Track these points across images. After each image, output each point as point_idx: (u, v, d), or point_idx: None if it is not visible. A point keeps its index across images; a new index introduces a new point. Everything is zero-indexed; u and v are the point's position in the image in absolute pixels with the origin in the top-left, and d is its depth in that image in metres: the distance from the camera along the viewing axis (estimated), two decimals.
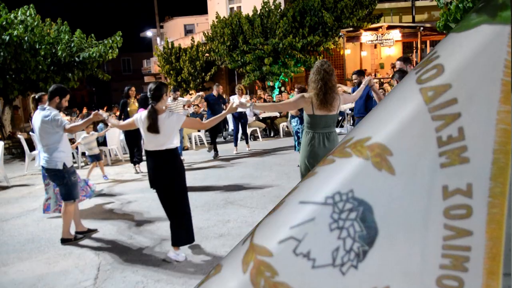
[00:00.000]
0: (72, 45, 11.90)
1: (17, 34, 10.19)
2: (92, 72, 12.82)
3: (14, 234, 4.79)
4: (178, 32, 26.46)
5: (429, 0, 16.43)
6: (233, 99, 9.44)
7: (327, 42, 15.80)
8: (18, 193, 6.91)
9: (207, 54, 18.83)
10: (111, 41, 12.18)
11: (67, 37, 11.90)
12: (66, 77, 12.09)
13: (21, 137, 9.43)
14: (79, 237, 4.43)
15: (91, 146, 7.32)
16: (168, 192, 3.69)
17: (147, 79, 28.69)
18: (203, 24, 24.12)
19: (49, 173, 4.32)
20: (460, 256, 0.84)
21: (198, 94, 8.91)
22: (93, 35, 12.79)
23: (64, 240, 4.34)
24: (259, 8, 16.52)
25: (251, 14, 16.57)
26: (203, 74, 19.27)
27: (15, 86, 11.39)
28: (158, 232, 4.48)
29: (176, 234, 3.72)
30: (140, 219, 5.02)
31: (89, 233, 4.56)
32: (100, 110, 4.54)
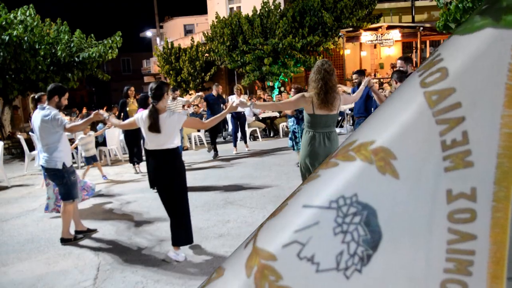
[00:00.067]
0: (72, 45, 11.90)
1: (17, 34, 10.18)
2: (92, 72, 12.81)
3: (14, 234, 4.79)
4: (178, 32, 26.47)
5: (429, 0, 16.44)
6: (232, 99, 9.44)
7: (327, 42, 15.81)
8: (18, 193, 6.90)
9: (207, 54, 18.84)
10: (111, 41, 12.18)
11: (67, 37, 11.90)
12: (66, 77, 12.08)
13: (21, 137, 9.43)
14: (79, 237, 4.42)
15: (88, 148, 7.21)
16: (168, 192, 3.69)
17: (147, 79, 28.71)
18: (203, 24, 24.13)
19: (49, 173, 4.32)
20: (464, 260, 0.84)
21: (198, 94, 8.90)
22: (93, 35, 12.79)
23: (64, 240, 4.34)
24: (259, 8, 16.52)
25: (251, 14, 16.57)
26: (203, 74, 19.28)
27: (15, 86, 11.39)
28: (158, 232, 4.47)
29: (176, 234, 3.71)
30: (140, 219, 5.02)
31: (89, 233, 4.56)
32: (101, 110, 4.53)
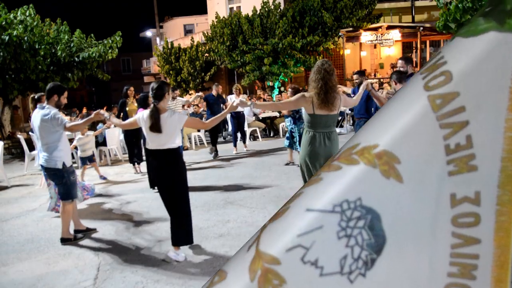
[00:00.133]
0: (72, 45, 11.90)
1: (17, 34, 10.18)
2: (92, 72, 12.81)
3: (14, 234, 4.78)
4: (178, 32, 26.47)
5: (429, 0, 16.44)
6: (231, 99, 9.45)
7: (327, 42, 15.81)
8: (18, 193, 6.90)
9: (207, 54, 18.84)
10: (111, 41, 12.17)
11: (67, 37, 11.89)
12: (66, 77, 12.08)
13: (21, 137, 9.42)
14: (79, 237, 4.42)
15: (85, 148, 7.15)
16: (169, 192, 3.69)
17: (147, 79, 28.72)
18: (203, 24, 24.13)
19: (49, 172, 4.31)
20: (468, 264, 0.84)
21: (197, 95, 8.90)
22: (93, 35, 12.78)
23: (64, 240, 4.33)
24: (259, 8, 16.52)
25: (251, 14, 16.57)
26: (203, 74, 19.28)
27: (15, 86, 11.38)
28: (158, 232, 4.47)
29: (176, 234, 3.71)
30: (140, 219, 5.02)
31: (88, 232, 4.55)
32: (101, 110, 4.52)
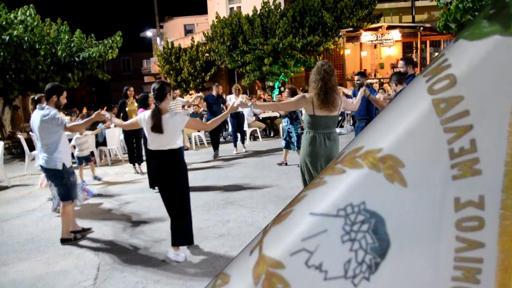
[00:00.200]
0: (72, 45, 11.90)
1: (17, 34, 10.18)
2: (92, 72, 12.81)
3: (14, 234, 4.79)
4: (178, 32, 26.47)
5: (429, 0, 16.44)
6: (230, 99, 9.45)
7: (327, 42, 15.81)
8: (18, 193, 6.91)
9: (207, 54, 18.84)
10: (111, 41, 12.18)
11: (67, 37, 11.90)
12: (66, 77, 12.08)
13: (21, 137, 9.42)
14: (79, 237, 4.42)
15: (83, 148, 7.12)
16: (170, 192, 3.69)
17: (147, 79, 28.71)
18: (203, 24, 24.13)
19: (48, 173, 4.30)
20: (472, 268, 0.84)
21: (198, 95, 8.91)
22: (93, 35, 12.79)
23: (64, 240, 4.33)
24: (259, 8, 16.53)
25: (251, 14, 16.57)
26: (203, 74, 19.28)
27: (15, 86, 11.39)
28: (158, 233, 4.47)
29: (176, 234, 3.71)
30: (140, 220, 5.02)
31: (84, 232, 4.52)
32: (102, 110, 4.52)
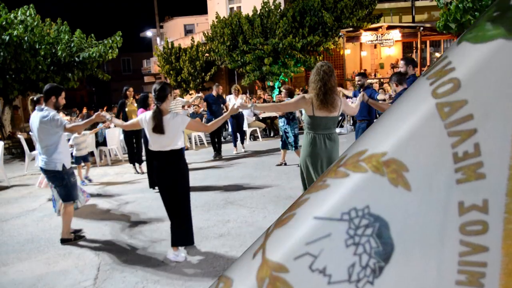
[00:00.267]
0: (72, 45, 11.91)
1: (17, 34, 10.19)
2: (92, 72, 12.82)
3: (14, 234, 4.79)
4: (178, 32, 26.47)
5: (429, 0, 16.44)
6: (230, 99, 9.46)
7: (327, 42, 15.81)
8: (18, 193, 6.91)
9: (207, 54, 18.84)
10: (111, 41, 12.18)
11: (67, 37, 11.91)
12: (66, 77, 12.09)
13: (21, 137, 9.43)
14: (78, 235, 4.42)
15: (81, 147, 7.12)
16: (171, 193, 3.69)
17: (147, 79, 28.72)
18: (203, 24, 24.13)
19: (48, 175, 4.29)
20: (476, 272, 0.84)
21: (198, 95, 8.90)
22: (93, 35, 12.79)
23: (64, 240, 4.33)
24: (259, 8, 16.53)
25: (251, 14, 16.58)
26: (203, 74, 19.28)
27: (15, 86, 11.40)
28: (158, 233, 4.48)
29: (176, 235, 3.72)
30: (140, 220, 5.02)
31: (75, 234, 4.46)
32: (103, 112, 4.51)
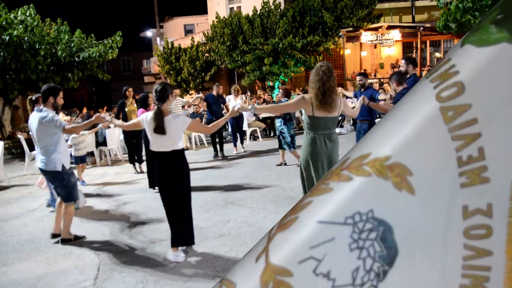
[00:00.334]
0: (72, 45, 11.91)
1: (17, 34, 10.19)
2: (92, 72, 12.82)
3: (14, 234, 4.79)
4: (178, 32, 26.47)
5: (429, 0, 16.44)
6: (229, 99, 9.46)
7: (327, 42, 15.81)
8: (18, 193, 6.91)
9: (207, 54, 18.84)
10: (111, 41, 12.18)
11: (67, 37, 11.91)
12: (66, 77, 12.09)
13: (21, 137, 9.43)
14: (79, 237, 4.42)
15: (79, 147, 7.12)
16: (171, 193, 3.70)
17: (147, 79, 28.72)
18: (203, 24, 24.13)
19: (48, 175, 4.28)
20: (480, 276, 0.85)
21: (198, 96, 8.90)
22: (93, 35, 12.79)
23: (64, 240, 4.33)
24: (259, 8, 16.52)
25: (251, 14, 16.57)
26: (203, 74, 19.28)
27: (15, 86, 11.39)
28: (158, 233, 4.48)
29: (176, 235, 3.72)
30: (140, 220, 5.02)
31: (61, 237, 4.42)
32: (102, 113, 4.51)
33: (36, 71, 11.15)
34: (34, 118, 4.15)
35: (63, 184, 4.22)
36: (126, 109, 7.70)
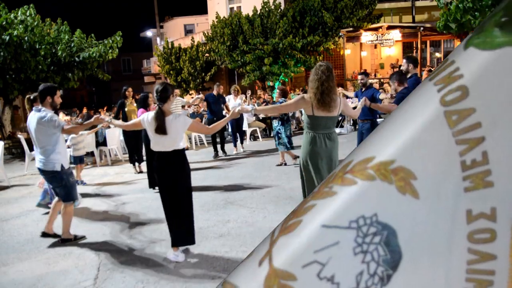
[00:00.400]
0: (72, 45, 11.91)
1: (17, 34, 10.19)
2: (92, 72, 12.82)
3: (14, 234, 4.79)
4: (178, 32, 26.47)
5: (429, 0, 16.45)
6: (229, 99, 9.46)
7: (327, 42, 15.81)
8: (18, 193, 6.91)
9: (207, 54, 18.85)
10: (111, 41, 12.18)
11: (67, 37, 11.91)
12: (66, 77, 12.09)
13: (21, 137, 9.43)
14: (79, 237, 4.42)
15: (78, 147, 7.12)
16: (171, 193, 3.70)
17: (147, 79, 28.72)
18: (203, 24, 24.13)
19: (47, 175, 4.27)
20: (484, 280, 0.85)
21: (198, 96, 8.91)
22: (93, 35, 12.79)
23: (64, 240, 4.34)
24: (259, 8, 16.53)
25: (251, 14, 16.58)
26: (203, 74, 19.29)
27: (15, 86, 11.40)
28: (158, 232, 4.48)
29: (176, 235, 3.72)
30: (140, 219, 5.02)
31: (56, 237, 4.43)
32: (102, 114, 4.51)
33: (36, 71, 11.16)
34: (33, 118, 4.13)
35: (62, 184, 4.22)
36: (126, 109, 7.70)
